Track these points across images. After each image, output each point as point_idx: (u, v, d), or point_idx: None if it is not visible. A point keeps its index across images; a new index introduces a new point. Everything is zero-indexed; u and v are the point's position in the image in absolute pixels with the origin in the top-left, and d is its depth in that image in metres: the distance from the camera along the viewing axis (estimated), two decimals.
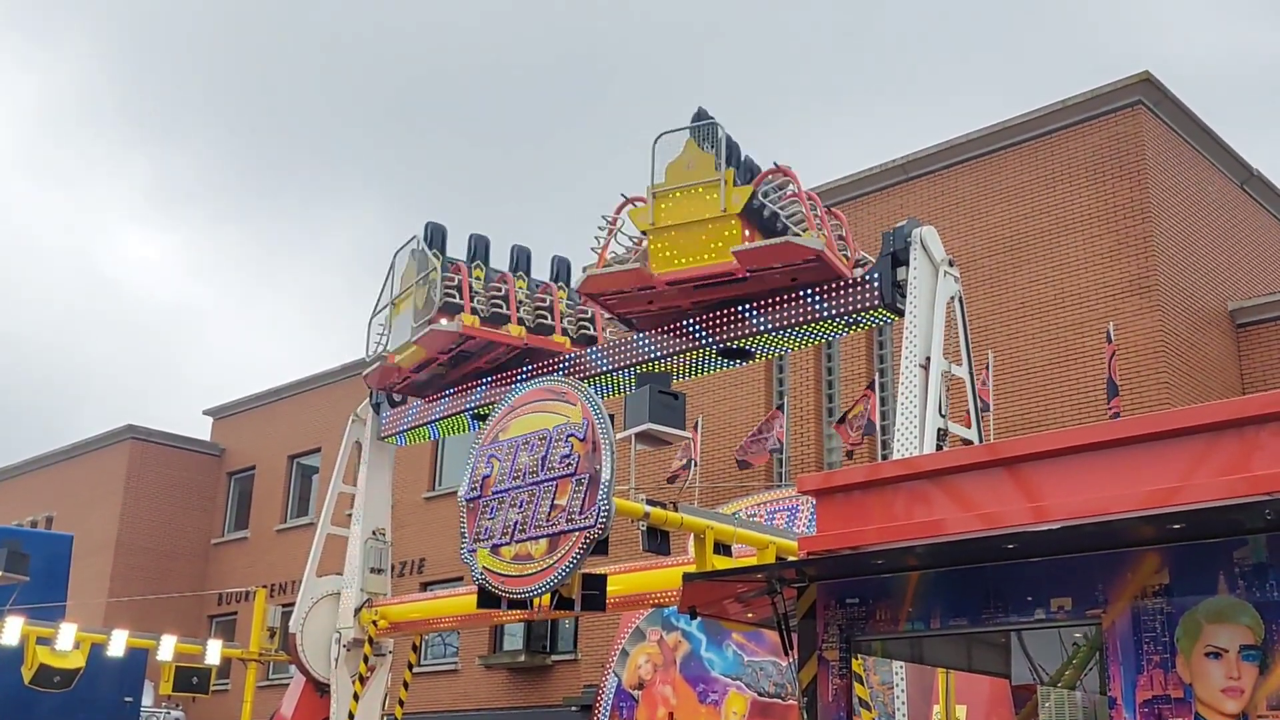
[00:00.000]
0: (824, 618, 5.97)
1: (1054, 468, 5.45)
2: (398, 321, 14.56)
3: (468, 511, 10.41)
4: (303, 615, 15.37)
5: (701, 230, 11.50)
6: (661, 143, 11.77)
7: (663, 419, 11.23)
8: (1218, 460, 4.89)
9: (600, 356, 13.48)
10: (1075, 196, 18.65)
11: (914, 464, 6.91)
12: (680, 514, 10.30)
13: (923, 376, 10.95)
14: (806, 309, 11.87)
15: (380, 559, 15.65)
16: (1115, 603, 4.96)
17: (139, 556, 33.03)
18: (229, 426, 35.53)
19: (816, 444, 21.16)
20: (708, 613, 6.77)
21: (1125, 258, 17.87)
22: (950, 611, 5.57)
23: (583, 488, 9.48)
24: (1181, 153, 19.20)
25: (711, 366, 13.23)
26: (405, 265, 14.68)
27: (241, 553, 33.26)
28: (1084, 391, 17.59)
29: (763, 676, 17.58)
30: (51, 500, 35.54)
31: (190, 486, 34.48)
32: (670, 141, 11.78)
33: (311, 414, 32.30)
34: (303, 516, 31.77)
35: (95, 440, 35.27)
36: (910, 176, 20.64)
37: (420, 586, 25.90)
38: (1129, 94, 18.46)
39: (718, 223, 11.45)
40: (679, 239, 11.63)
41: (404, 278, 14.65)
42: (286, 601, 23.50)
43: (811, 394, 21.41)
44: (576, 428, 9.70)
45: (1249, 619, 4.59)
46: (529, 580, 9.71)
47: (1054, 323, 18.32)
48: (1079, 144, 18.84)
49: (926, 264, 11.32)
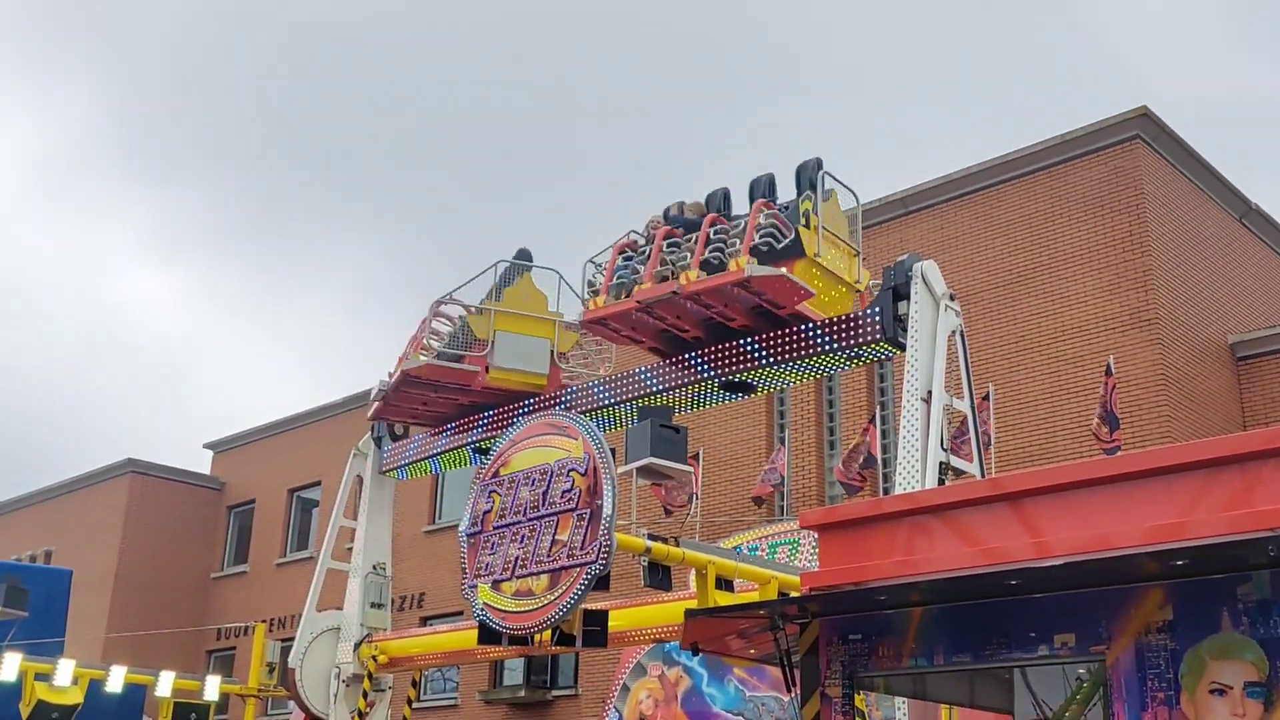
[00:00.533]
0: (827, 654, 5.95)
1: (1056, 503, 5.44)
2: (509, 339, 14.15)
3: (468, 547, 10.39)
4: (302, 650, 15.31)
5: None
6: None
7: (664, 453, 11.23)
8: (1220, 495, 4.88)
9: (602, 390, 13.49)
10: (1074, 230, 18.72)
11: (917, 499, 6.90)
12: (682, 549, 10.28)
13: (924, 410, 10.95)
14: (807, 342, 11.89)
15: (380, 593, 15.60)
16: (1119, 639, 4.94)
17: (138, 591, 32.90)
18: (229, 460, 35.49)
19: (818, 477, 21.13)
20: (710, 649, 6.75)
21: (1125, 291, 17.91)
22: (953, 647, 5.55)
23: (584, 523, 9.47)
24: (1180, 186, 19.29)
25: (713, 400, 13.23)
26: (517, 284, 14.45)
27: (241, 587, 33.14)
28: (1085, 424, 17.58)
29: (764, 712, 17.49)
30: (51, 535, 35.45)
31: (190, 520, 34.39)
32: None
33: (312, 447, 32.26)
34: (303, 550, 31.69)
35: (95, 474, 35.22)
36: (910, 210, 20.71)
37: (420, 621, 25.79)
38: (1127, 128, 18.55)
39: None
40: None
41: (512, 296, 14.36)
42: (286, 636, 23.40)
43: (813, 427, 21.40)
44: (578, 462, 9.69)
45: (1253, 655, 4.58)
46: (530, 616, 9.68)
47: (1054, 356, 18.34)
48: (1078, 178, 18.93)
49: (927, 298, 11.35)
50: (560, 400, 13.80)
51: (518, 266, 14.60)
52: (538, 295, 14.28)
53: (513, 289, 14.10)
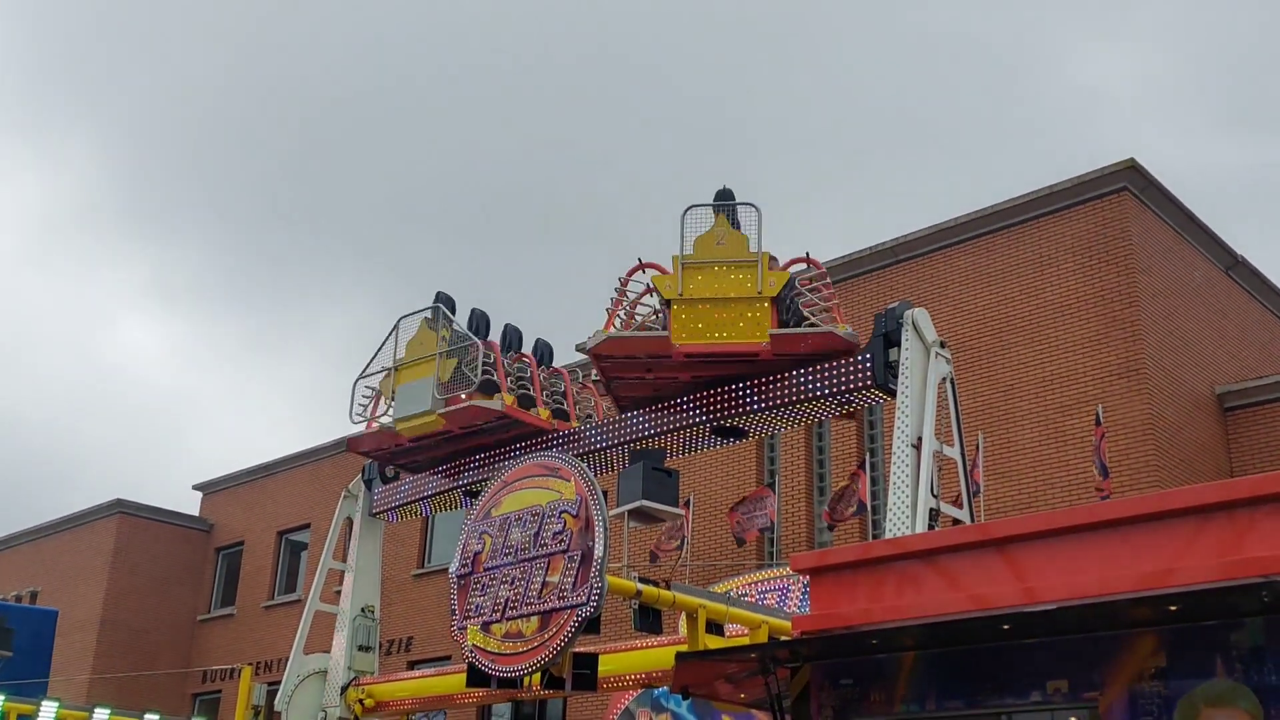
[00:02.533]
0: (818, 698, 5.95)
1: (1046, 548, 5.47)
2: (403, 390, 14.44)
3: (458, 588, 10.36)
4: (289, 693, 15.18)
5: (732, 308, 11.73)
6: (690, 215, 12.04)
7: (656, 496, 11.24)
8: (1211, 542, 4.92)
9: (595, 433, 13.51)
10: (1063, 281, 18.85)
11: (906, 543, 6.92)
12: (673, 592, 10.26)
13: (914, 456, 10.99)
14: (799, 388, 11.94)
15: (368, 636, 15.51)
16: (1111, 686, 4.96)
17: (124, 632, 32.63)
18: (218, 502, 35.32)
19: (808, 523, 21.12)
20: (700, 693, 6.75)
21: (1113, 342, 18.01)
22: (945, 693, 5.56)
23: (575, 565, 9.46)
24: (1167, 238, 19.45)
25: (705, 445, 13.26)
26: (416, 332, 14.66)
27: (227, 629, 32.87)
28: (1074, 473, 17.63)
29: None
30: (37, 575, 35.18)
31: (177, 562, 34.17)
32: (698, 215, 12.08)
33: (301, 490, 32.14)
34: (291, 593, 31.47)
35: (83, 514, 35.01)
36: (899, 259, 20.85)
37: (407, 665, 25.60)
38: (1115, 180, 18.73)
39: (751, 304, 11.71)
40: (708, 314, 11.81)
41: (412, 345, 14.57)
42: (272, 680, 23.19)
43: (803, 473, 21.41)
44: (570, 504, 9.69)
45: (1247, 703, 4.59)
46: (519, 659, 9.64)
47: (1043, 405, 18.41)
48: (1066, 229, 19.09)
49: (918, 345, 11.42)
50: (552, 443, 13.81)
51: (416, 316, 14.90)
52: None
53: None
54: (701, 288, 11.86)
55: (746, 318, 11.64)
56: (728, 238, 11.99)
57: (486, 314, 14.68)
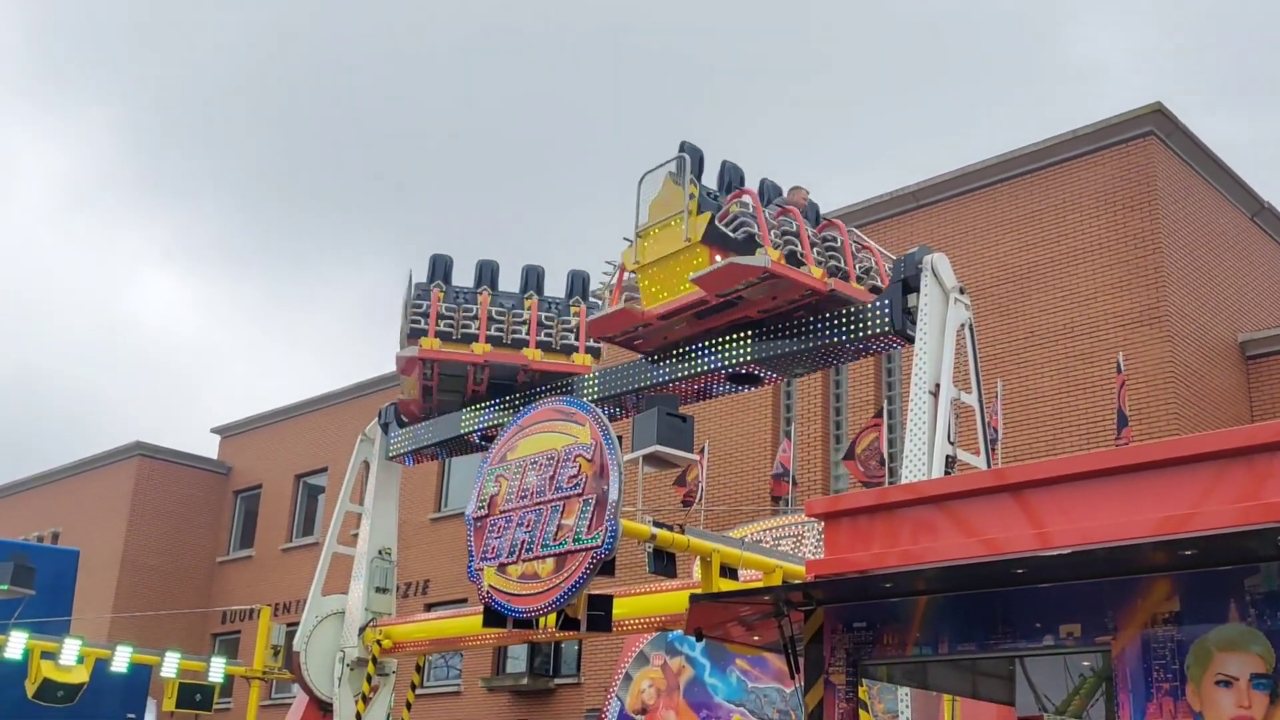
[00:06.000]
0: (831, 641, 5.93)
1: (1063, 493, 5.42)
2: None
3: (474, 530, 10.40)
4: (307, 634, 15.33)
5: (675, 262, 11.56)
6: (646, 181, 11.87)
7: (671, 441, 11.21)
8: (1229, 487, 4.86)
9: (609, 379, 13.48)
10: (1086, 226, 18.66)
11: (922, 488, 6.88)
12: (687, 536, 10.28)
13: (932, 403, 10.91)
14: (815, 334, 11.86)
15: (385, 579, 15.61)
16: (1125, 630, 4.92)
17: (144, 573, 33.02)
18: (236, 445, 35.56)
19: (823, 469, 21.12)
20: (713, 635, 6.74)
21: (1135, 288, 17.85)
22: (958, 637, 5.54)
23: (590, 508, 9.47)
24: (1192, 184, 19.21)
25: (719, 391, 13.20)
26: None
27: (246, 571, 33.22)
28: (1093, 421, 17.55)
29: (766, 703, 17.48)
30: (58, 516, 35.57)
31: (197, 504, 34.49)
32: (653, 179, 11.87)
33: (319, 433, 32.33)
34: (308, 536, 31.75)
35: (103, 456, 35.32)
36: (921, 204, 20.67)
37: (424, 608, 25.85)
38: (1140, 124, 18.48)
39: (687, 253, 11.44)
40: (659, 274, 11.74)
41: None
42: (291, 620, 23.46)
43: (819, 420, 21.38)
44: (585, 448, 9.69)
45: (1260, 647, 4.56)
46: (535, 599, 9.68)
47: (1064, 352, 18.30)
48: (1090, 174, 18.86)
49: (937, 291, 11.30)
50: (568, 388, 13.80)
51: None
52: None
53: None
54: (653, 250, 11.77)
55: (693, 266, 11.42)
56: (671, 195, 11.75)
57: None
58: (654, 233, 11.78)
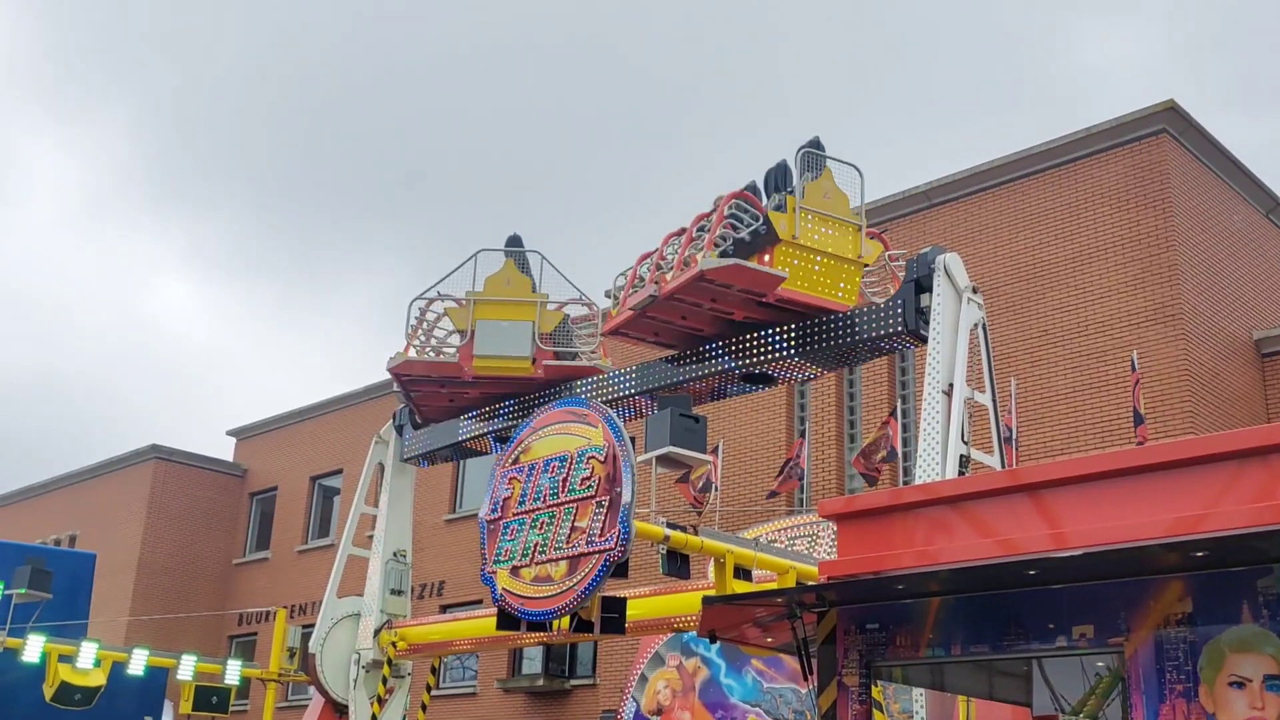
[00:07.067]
0: (844, 643, 5.93)
1: (1077, 494, 5.41)
2: (487, 325, 14.23)
3: (488, 532, 10.42)
4: (322, 636, 15.38)
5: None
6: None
7: (684, 442, 11.21)
8: (1244, 488, 4.84)
9: (623, 380, 13.50)
10: (1099, 224, 18.60)
11: (936, 489, 6.87)
12: (701, 538, 10.27)
13: (945, 403, 10.91)
14: (829, 335, 11.86)
15: (400, 580, 15.66)
16: (1138, 631, 4.92)
17: (161, 576, 33.14)
18: (252, 447, 35.67)
19: (838, 469, 21.10)
20: (727, 637, 6.74)
21: (1149, 286, 17.79)
22: (971, 638, 5.53)
23: (603, 510, 9.48)
24: (1206, 181, 19.14)
25: (733, 391, 13.21)
26: (500, 270, 14.36)
27: (262, 573, 33.32)
28: (1108, 420, 17.50)
29: (782, 704, 17.47)
30: (75, 519, 35.72)
31: (213, 506, 34.61)
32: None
33: (334, 435, 32.41)
34: (324, 538, 31.83)
35: (120, 460, 35.45)
36: (934, 203, 20.62)
37: (440, 609, 25.90)
38: (1153, 122, 18.42)
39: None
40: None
41: (494, 282, 14.35)
42: (307, 622, 23.55)
43: (833, 420, 21.36)
44: (598, 450, 9.70)
45: (1273, 649, 4.54)
46: (548, 602, 9.70)
47: (1078, 350, 18.24)
48: (1103, 171, 18.80)
49: (950, 291, 11.29)
50: (581, 389, 13.82)
51: (500, 254, 14.58)
52: (521, 280, 14.36)
53: (494, 276, 14.29)
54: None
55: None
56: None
57: None
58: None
